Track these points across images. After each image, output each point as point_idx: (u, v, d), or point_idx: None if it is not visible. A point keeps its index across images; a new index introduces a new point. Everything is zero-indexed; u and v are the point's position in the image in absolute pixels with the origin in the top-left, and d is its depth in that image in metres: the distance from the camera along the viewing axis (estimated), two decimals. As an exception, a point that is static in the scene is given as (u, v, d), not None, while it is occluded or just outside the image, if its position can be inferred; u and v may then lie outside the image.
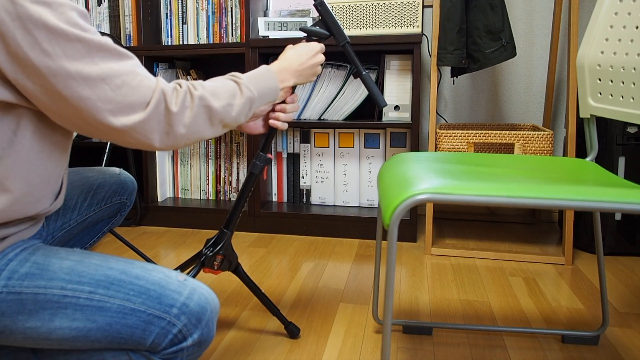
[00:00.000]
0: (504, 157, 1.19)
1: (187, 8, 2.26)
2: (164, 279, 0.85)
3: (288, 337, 1.28)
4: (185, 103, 0.84)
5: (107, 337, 0.81)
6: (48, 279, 0.81)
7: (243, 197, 1.21)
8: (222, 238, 1.21)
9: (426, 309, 1.44)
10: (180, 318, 0.82)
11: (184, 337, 0.82)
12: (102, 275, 0.82)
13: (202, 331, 0.84)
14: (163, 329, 0.81)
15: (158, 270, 0.87)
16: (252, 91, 0.96)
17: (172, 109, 0.82)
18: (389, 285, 0.81)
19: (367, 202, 2.19)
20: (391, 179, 0.95)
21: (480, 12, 1.82)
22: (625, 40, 1.08)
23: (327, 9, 1.16)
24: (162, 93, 0.81)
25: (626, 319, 1.38)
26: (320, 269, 1.74)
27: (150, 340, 0.81)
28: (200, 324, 0.83)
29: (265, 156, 1.19)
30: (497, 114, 2.32)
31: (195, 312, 0.83)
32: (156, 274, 0.85)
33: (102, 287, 0.82)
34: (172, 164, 2.38)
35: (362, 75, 1.18)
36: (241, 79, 0.96)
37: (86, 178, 1.17)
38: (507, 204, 0.79)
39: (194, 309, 0.83)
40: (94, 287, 0.81)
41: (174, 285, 0.84)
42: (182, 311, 0.82)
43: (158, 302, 0.82)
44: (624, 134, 1.78)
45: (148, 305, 0.82)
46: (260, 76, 1.02)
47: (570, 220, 1.76)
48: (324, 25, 1.17)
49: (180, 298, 0.83)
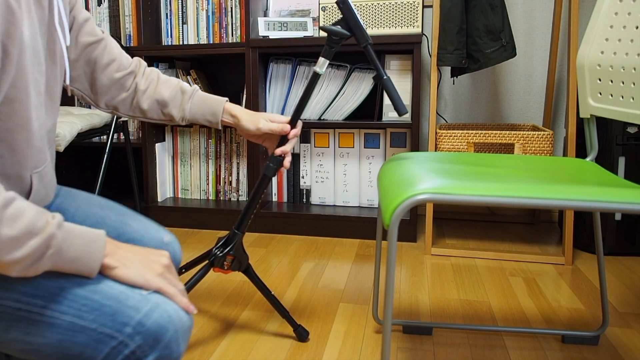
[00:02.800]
0: (504, 157, 1.19)
1: (187, 8, 2.26)
2: (124, 293, 0.75)
3: (288, 338, 1.28)
4: None
5: (57, 353, 0.75)
6: (6, 288, 0.75)
7: (256, 199, 1.21)
8: (233, 238, 1.21)
9: (426, 309, 1.44)
10: (135, 338, 0.73)
11: (138, 359, 0.74)
12: (57, 288, 0.75)
13: (161, 353, 0.74)
14: (114, 348, 0.73)
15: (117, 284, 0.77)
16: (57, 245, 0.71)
17: None
18: (389, 285, 0.81)
19: (367, 202, 2.19)
20: (391, 179, 0.95)
21: (480, 12, 1.82)
22: (625, 40, 1.08)
23: (350, 7, 1.09)
24: None
25: (626, 319, 1.38)
26: (320, 269, 1.74)
27: (100, 359, 0.74)
28: (158, 345, 0.74)
29: (280, 159, 1.17)
30: (497, 114, 2.31)
31: (153, 331, 0.74)
32: (118, 287, 0.76)
33: (55, 301, 0.74)
34: (172, 164, 2.38)
35: (383, 79, 1.10)
36: (50, 228, 0.70)
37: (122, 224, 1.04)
38: (507, 204, 0.79)
39: (151, 328, 0.74)
40: (47, 301, 0.74)
41: (132, 301, 0.75)
42: (137, 330, 0.73)
43: (111, 320, 0.74)
44: (624, 134, 1.78)
45: (100, 322, 0.74)
46: (82, 239, 0.76)
47: (570, 220, 1.76)
48: (345, 25, 1.10)
49: (136, 316, 0.74)
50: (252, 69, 2.08)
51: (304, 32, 2.09)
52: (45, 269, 0.73)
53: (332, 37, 1.11)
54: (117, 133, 2.31)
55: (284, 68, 2.19)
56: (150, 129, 2.26)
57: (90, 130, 1.93)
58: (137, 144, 2.27)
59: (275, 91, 2.20)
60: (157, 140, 2.31)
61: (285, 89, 2.19)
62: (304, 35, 2.08)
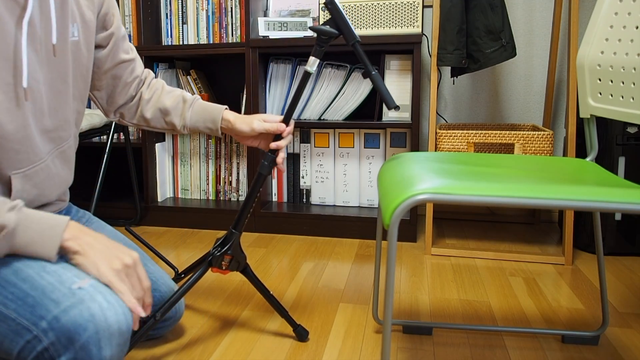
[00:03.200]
0: (504, 157, 1.19)
1: (187, 8, 2.26)
2: (52, 285, 0.72)
3: (288, 337, 1.28)
4: None
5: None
6: None
7: (252, 198, 1.21)
8: (230, 238, 1.21)
9: (426, 309, 1.44)
10: (48, 334, 0.70)
11: (50, 357, 0.70)
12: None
13: (76, 355, 0.70)
14: (29, 342, 0.71)
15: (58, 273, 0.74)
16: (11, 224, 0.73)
17: None
18: (389, 285, 0.81)
19: (367, 202, 2.19)
20: (391, 179, 0.95)
21: (480, 12, 1.82)
22: (625, 40, 1.08)
23: (338, 7, 1.14)
24: None
25: (626, 319, 1.38)
26: (320, 269, 1.74)
27: (16, 352, 0.71)
28: (72, 345, 0.69)
29: (274, 156, 1.19)
30: (497, 114, 2.31)
31: (67, 329, 0.70)
32: (49, 278, 0.73)
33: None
34: (172, 164, 2.38)
35: (371, 75, 1.14)
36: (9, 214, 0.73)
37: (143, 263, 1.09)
38: (507, 204, 0.79)
39: (66, 325, 0.70)
40: None
41: (56, 294, 0.72)
42: (52, 326, 0.70)
43: (30, 312, 0.71)
44: (624, 134, 1.78)
45: (20, 313, 0.71)
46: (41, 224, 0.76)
47: (570, 220, 1.76)
48: (333, 24, 1.15)
49: (54, 310, 0.71)
50: (252, 69, 2.08)
51: (304, 32, 2.09)
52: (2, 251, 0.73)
53: (321, 37, 1.15)
54: (117, 133, 2.31)
55: (284, 68, 2.19)
56: (150, 129, 2.26)
57: (90, 130, 1.93)
58: (137, 144, 2.27)
59: (275, 91, 2.20)
60: (157, 140, 2.31)
61: (285, 89, 2.19)
62: (304, 35, 2.08)
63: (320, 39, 1.15)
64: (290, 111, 1.19)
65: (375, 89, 1.17)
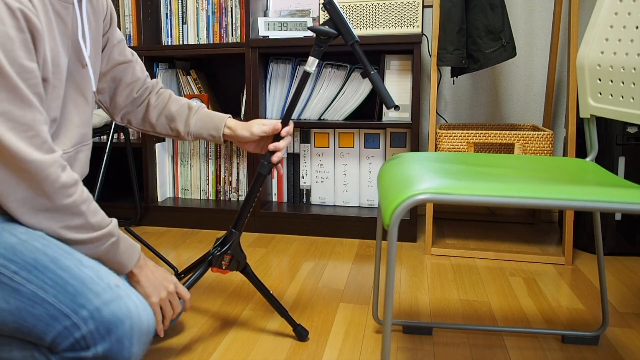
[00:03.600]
0: (504, 157, 1.19)
1: (187, 8, 2.26)
2: (91, 278, 0.79)
3: (288, 337, 1.28)
4: (69, 191, 0.81)
5: (14, 322, 0.77)
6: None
7: (251, 197, 1.22)
8: (230, 238, 1.21)
9: (426, 309, 1.44)
10: (88, 322, 0.75)
11: (86, 345, 0.75)
12: (32, 259, 0.78)
13: (111, 346, 0.75)
14: (66, 329, 0.75)
15: (95, 269, 0.81)
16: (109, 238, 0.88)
17: (56, 183, 0.79)
18: (389, 285, 0.81)
19: (367, 202, 2.19)
20: (391, 179, 0.95)
21: (480, 12, 1.82)
22: (625, 40, 1.08)
23: (336, 8, 1.15)
24: (58, 164, 0.79)
25: (626, 319, 1.38)
26: (320, 269, 1.74)
27: (51, 337, 0.75)
28: (109, 336, 0.75)
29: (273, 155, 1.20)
30: (497, 114, 2.31)
31: (107, 320, 0.75)
32: (87, 272, 0.80)
33: (26, 269, 0.78)
34: (172, 164, 2.38)
35: (370, 74, 1.16)
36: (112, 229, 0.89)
37: None
38: (507, 204, 0.79)
39: (106, 317, 0.75)
40: (20, 267, 0.78)
41: (97, 287, 0.78)
42: (92, 316, 0.75)
43: (71, 299, 0.76)
44: (624, 134, 1.78)
45: (59, 299, 0.76)
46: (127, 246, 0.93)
47: (570, 220, 1.76)
48: (332, 24, 1.16)
49: (95, 301, 0.76)
50: (252, 69, 2.08)
51: (304, 32, 2.09)
52: (101, 254, 0.87)
53: (320, 37, 1.16)
54: (117, 133, 2.31)
55: (284, 68, 2.19)
56: (150, 129, 2.26)
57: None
58: (137, 144, 2.27)
59: (275, 91, 2.20)
60: (157, 140, 2.31)
61: (285, 89, 2.19)
62: (304, 35, 2.08)
63: (319, 39, 1.16)
64: (289, 112, 1.20)
65: (374, 89, 1.17)
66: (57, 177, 0.79)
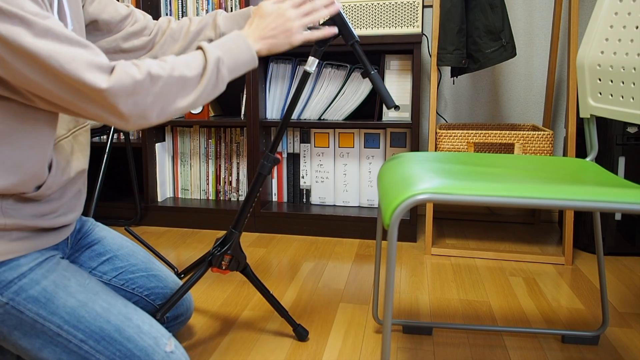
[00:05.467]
0: (504, 157, 1.19)
1: (187, 8, 2.26)
2: (152, 347, 0.88)
3: (288, 337, 1.28)
4: (152, 71, 0.80)
5: None
6: (50, 312, 0.84)
7: (251, 198, 1.21)
8: (230, 238, 1.21)
9: (426, 309, 1.44)
10: None
11: None
12: (98, 328, 0.86)
13: None
14: None
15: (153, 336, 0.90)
16: (221, 59, 0.90)
17: (138, 77, 0.78)
18: (389, 285, 0.81)
19: (367, 202, 2.19)
20: (391, 179, 0.95)
21: (480, 12, 1.82)
22: (625, 40, 1.08)
23: None
24: (125, 64, 0.78)
25: (626, 319, 1.38)
26: (320, 269, 1.74)
27: None
28: None
29: (274, 156, 1.19)
30: (497, 114, 2.32)
31: None
32: (148, 340, 0.89)
33: (94, 339, 0.86)
34: (172, 163, 2.38)
35: (370, 74, 1.15)
36: (207, 47, 0.91)
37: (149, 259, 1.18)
38: (507, 204, 0.79)
39: None
40: (87, 336, 0.85)
41: (158, 357, 0.88)
42: None
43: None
44: (624, 134, 1.78)
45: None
46: (231, 42, 0.96)
47: (570, 220, 1.76)
48: (332, 24, 1.16)
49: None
50: (252, 69, 2.08)
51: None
52: (226, 78, 0.91)
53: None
54: (117, 133, 2.31)
55: (284, 68, 2.19)
56: (151, 129, 2.26)
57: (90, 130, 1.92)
58: (137, 144, 2.27)
59: (275, 91, 2.20)
60: (157, 140, 2.31)
61: (285, 89, 2.19)
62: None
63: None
64: (289, 111, 1.19)
65: (375, 89, 1.17)
66: (135, 80, 0.78)
